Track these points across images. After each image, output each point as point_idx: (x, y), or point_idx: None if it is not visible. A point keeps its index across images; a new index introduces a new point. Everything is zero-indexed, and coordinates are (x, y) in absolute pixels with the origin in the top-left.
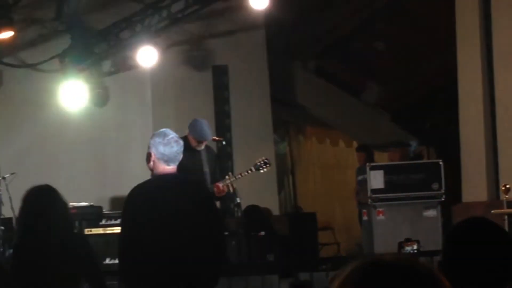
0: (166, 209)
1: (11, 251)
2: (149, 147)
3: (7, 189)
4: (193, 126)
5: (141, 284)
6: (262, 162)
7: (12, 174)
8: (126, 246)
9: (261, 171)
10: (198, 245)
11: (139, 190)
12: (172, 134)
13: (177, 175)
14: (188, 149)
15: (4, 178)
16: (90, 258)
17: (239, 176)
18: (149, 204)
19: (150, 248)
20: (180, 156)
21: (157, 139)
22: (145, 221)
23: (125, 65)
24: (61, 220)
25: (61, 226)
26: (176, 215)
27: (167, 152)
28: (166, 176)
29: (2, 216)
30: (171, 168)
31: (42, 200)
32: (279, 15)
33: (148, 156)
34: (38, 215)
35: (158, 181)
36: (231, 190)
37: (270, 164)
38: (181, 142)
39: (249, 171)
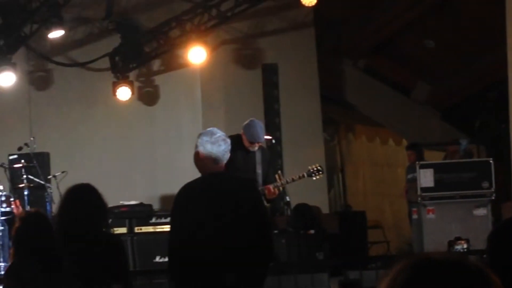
0: (215, 208)
1: None
2: (196, 146)
3: (58, 188)
4: (247, 126)
5: (190, 282)
6: (315, 169)
7: (63, 172)
8: (175, 245)
9: (314, 178)
10: (246, 243)
11: (188, 189)
12: (219, 133)
13: (225, 174)
14: (242, 149)
15: (55, 176)
16: (123, 258)
17: (290, 180)
18: (198, 202)
19: (198, 247)
20: (228, 155)
21: (205, 138)
22: (194, 220)
23: (174, 64)
24: (98, 219)
25: (97, 225)
26: (224, 213)
27: (214, 151)
28: (215, 175)
29: (53, 214)
30: (219, 166)
31: (81, 199)
32: (328, 13)
33: (196, 155)
34: (76, 214)
35: (207, 179)
36: (281, 189)
37: (323, 172)
38: (229, 141)
39: (301, 177)
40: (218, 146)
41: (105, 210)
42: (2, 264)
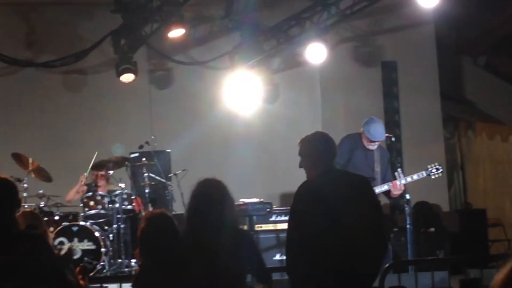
0: (333, 206)
1: None
2: (304, 150)
3: (178, 185)
4: (368, 125)
5: (309, 280)
6: (434, 168)
7: (183, 170)
8: (294, 243)
9: (432, 177)
10: (363, 241)
11: (307, 187)
12: (326, 134)
13: (342, 171)
14: (361, 147)
15: (175, 174)
16: (256, 254)
17: (409, 179)
18: (316, 200)
19: (317, 245)
20: (335, 154)
21: (315, 140)
22: (312, 218)
23: (294, 62)
24: (229, 215)
25: (228, 221)
26: (342, 211)
27: (328, 151)
28: (333, 173)
29: (174, 212)
30: (331, 165)
31: (212, 194)
32: (448, 10)
33: (308, 156)
34: (207, 209)
35: (325, 177)
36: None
37: (442, 171)
38: (334, 142)
39: (420, 175)
40: (333, 145)
41: (234, 205)
42: (126, 261)
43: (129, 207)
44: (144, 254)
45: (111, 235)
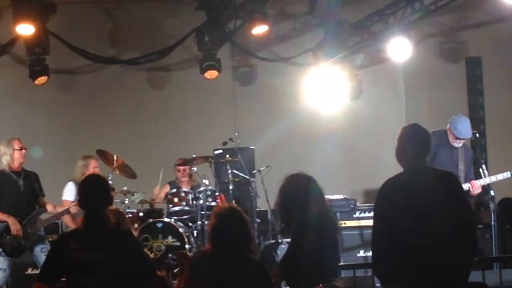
0: (419, 202)
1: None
2: (398, 140)
3: (262, 182)
4: (455, 122)
5: (395, 277)
6: None
7: (267, 167)
8: (379, 239)
9: None
10: (450, 237)
11: (391, 183)
12: (421, 127)
13: (428, 168)
14: (446, 145)
15: (259, 171)
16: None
17: (493, 178)
18: (402, 197)
19: (403, 241)
20: (430, 149)
21: (407, 132)
22: (398, 214)
23: (378, 58)
24: (316, 208)
25: (316, 214)
26: (428, 207)
27: (416, 145)
28: (418, 169)
29: (258, 209)
30: (421, 161)
31: (299, 188)
32: None
33: (399, 149)
34: (295, 203)
35: (410, 174)
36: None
37: None
38: (430, 136)
39: (505, 175)
40: (420, 140)
41: (323, 198)
42: None
43: (213, 203)
44: (213, 247)
45: (195, 232)
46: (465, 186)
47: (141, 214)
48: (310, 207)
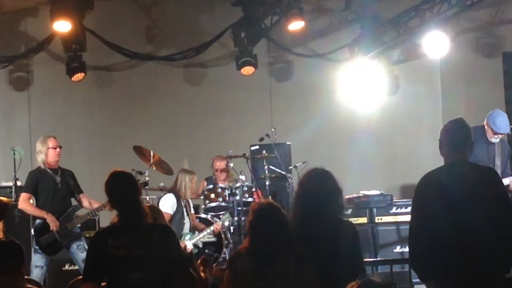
0: (457, 197)
1: None
2: (439, 135)
3: (298, 178)
4: (493, 117)
5: (433, 272)
6: None
7: (303, 163)
8: (417, 235)
9: None
10: (489, 232)
11: (429, 178)
12: (462, 122)
13: (467, 163)
14: (483, 139)
15: (295, 166)
16: (355, 243)
17: None
18: (439, 192)
19: (441, 236)
20: (469, 144)
21: (446, 127)
22: (436, 209)
23: (414, 54)
24: (330, 202)
25: (329, 208)
26: (467, 202)
27: (455, 140)
28: (456, 164)
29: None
30: (460, 155)
31: (313, 182)
32: None
33: (440, 143)
34: (309, 197)
35: (448, 169)
36: None
37: None
38: (470, 131)
39: None
40: (459, 135)
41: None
42: None
43: (250, 199)
44: (251, 243)
45: (232, 227)
46: (505, 181)
47: None
48: (320, 200)
